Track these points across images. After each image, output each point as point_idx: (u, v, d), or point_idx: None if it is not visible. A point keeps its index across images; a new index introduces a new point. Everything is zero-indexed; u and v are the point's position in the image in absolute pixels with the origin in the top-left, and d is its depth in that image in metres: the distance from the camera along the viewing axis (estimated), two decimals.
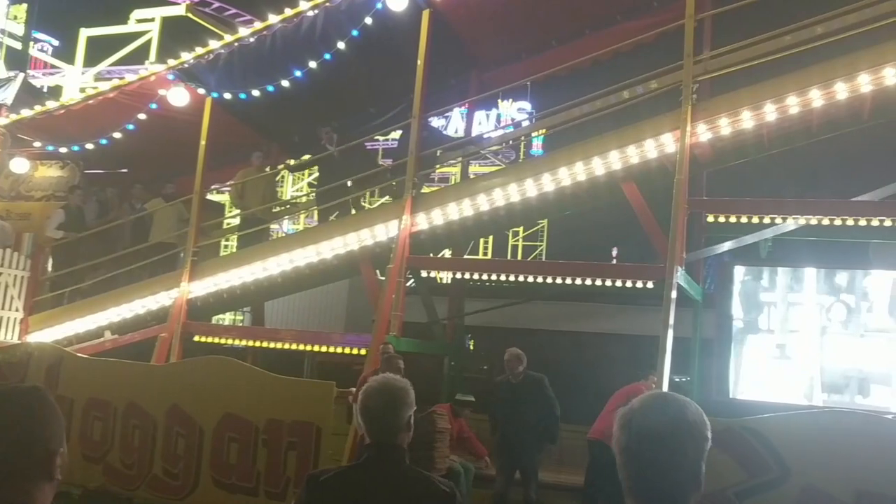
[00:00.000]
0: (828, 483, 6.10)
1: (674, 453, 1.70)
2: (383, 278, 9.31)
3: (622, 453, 1.77)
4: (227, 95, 10.29)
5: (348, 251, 9.42)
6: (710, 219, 8.29)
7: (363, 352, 8.67)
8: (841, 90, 7.56)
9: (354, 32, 9.37)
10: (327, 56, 9.53)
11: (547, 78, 10.29)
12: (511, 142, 16.05)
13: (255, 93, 10.16)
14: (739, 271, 9.11)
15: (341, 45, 9.43)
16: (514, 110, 20.06)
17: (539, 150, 19.49)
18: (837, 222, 7.74)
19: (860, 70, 7.45)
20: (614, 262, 16.07)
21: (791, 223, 7.99)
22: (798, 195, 8.72)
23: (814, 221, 7.78)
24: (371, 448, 2.66)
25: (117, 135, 11.28)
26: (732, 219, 8.09)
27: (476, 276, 9.34)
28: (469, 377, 11.24)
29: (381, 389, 2.65)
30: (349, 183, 10.23)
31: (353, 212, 10.54)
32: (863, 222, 7.65)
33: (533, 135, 17.80)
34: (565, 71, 10.09)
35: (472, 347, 12.78)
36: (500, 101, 19.34)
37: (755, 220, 7.97)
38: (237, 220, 11.59)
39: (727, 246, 8.65)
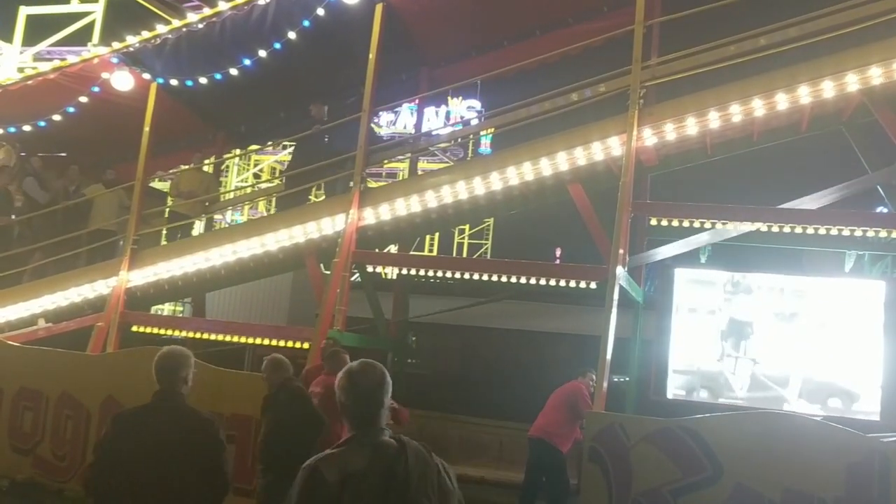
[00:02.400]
0: (758, 482, 6.29)
1: (378, 393, 2.75)
2: (328, 272, 9.25)
3: (350, 395, 2.76)
4: (174, 81, 10.08)
5: (294, 243, 9.32)
6: (653, 222, 8.44)
7: (306, 346, 8.60)
8: (781, 100, 7.79)
9: (306, 23, 9.27)
10: (277, 45, 9.41)
11: (497, 77, 10.35)
12: (460, 139, 16.06)
13: (203, 80, 9.97)
14: (679, 274, 9.28)
15: (292, 34, 9.32)
16: (464, 108, 20.11)
17: (487, 148, 19.57)
18: (775, 229, 7.96)
19: (800, 82, 7.68)
20: (558, 261, 16.28)
21: (730, 228, 8.18)
22: (737, 201, 8.93)
23: (752, 228, 7.98)
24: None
25: (56, 117, 10.95)
26: (675, 222, 8.25)
27: (422, 273, 9.33)
28: (411, 374, 11.25)
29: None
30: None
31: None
32: (799, 230, 7.89)
33: (481, 133, 17.87)
34: (515, 71, 10.16)
35: (414, 344, 12.79)
36: (449, 98, 19.38)
37: (696, 224, 8.15)
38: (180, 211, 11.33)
39: (668, 251, 8.81)
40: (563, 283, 8.48)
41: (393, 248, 12.05)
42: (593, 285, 8.18)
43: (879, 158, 9.12)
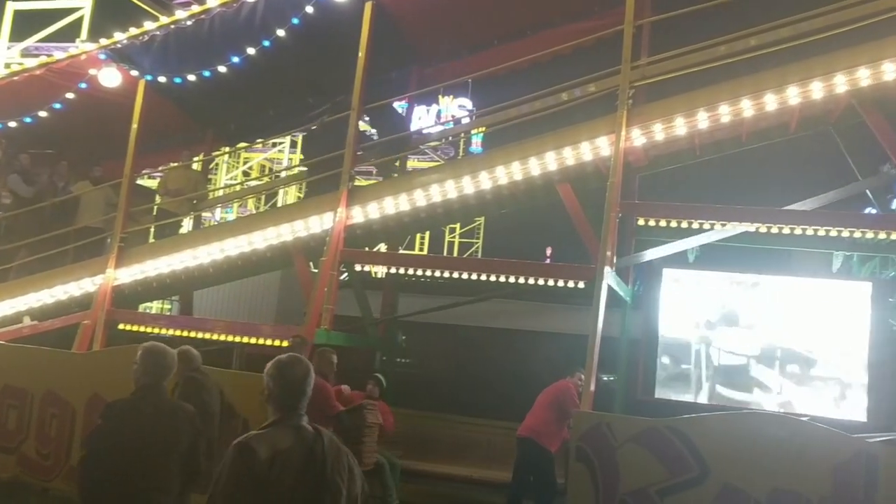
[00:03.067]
0: (744, 482, 6.30)
1: (304, 383, 3.15)
2: (316, 271, 9.22)
3: (280, 384, 3.08)
4: (162, 79, 10.03)
5: (282, 242, 9.29)
6: (641, 222, 8.44)
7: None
8: (770, 101, 7.79)
9: (295, 20, 9.23)
10: (266, 43, 9.36)
11: (488, 76, 10.34)
12: (451, 138, 16.04)
13: (191, 77, 9.92)
14: (667, 274, 9.30)
15: (281, 32, 9.28)
16: (455, 107, 20.07)
17: (479, 147, 19.56)
18: (763, 230, 7.97)
19: (789, 83, 7.69)
20: (548, 261, 16.29)
21: (718, 229, 8.19)
22: (727, 202, 8.94)
23: (740, 228, 7.99)
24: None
25: (43, 113, 10.88)
26: (662, 223, 8.25)
27: (411, 272, 9.30)
28: (400, 373, 11.23)
29: None
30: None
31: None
32: (787, 230, 7.90)
33: (473, 132, 17.85)
34: (505, 70, 10.15)
35: (403, 343, 12.77)
36: (441, 96, 19.34)
37: (684, 224, 8.15)
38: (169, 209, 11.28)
39: (656, 252, 8.82)
40: (551, 282, 8.46)
41: (382, 247, 12.03)
42: (581, 285, 8.17)
43: (867, 160, 9.16)
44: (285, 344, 8.38)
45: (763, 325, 9.03)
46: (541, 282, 8.51)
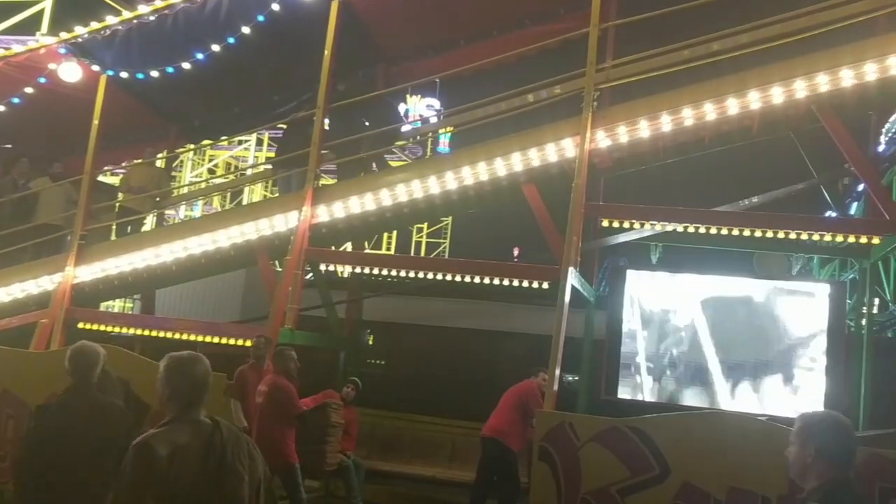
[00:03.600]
0: (704, 481, 6.39)
1: (207, 380, 3.20)
2: (281, 270, 9.16)
3: (184, 381, 3.14)
4: (124, 74, 9.87)
5: (246, 240, 9.21)
6: (605, 223, 8.52)
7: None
8: (732, 105, 7.89)
9: (260, 17, 9.15)
10: (231, 40, 9.27)
11: (454, 76, 10.34)
12: (419, 137, 16.02)
13: (154, 73, 9.78)
14: (631, 275, 9.40)
15: (246, 29, 9.19)
16: (423, 106, 20.03)
17: (446, 147, 19.54)
18: (724, 231, 8.08)
19: (749, 87, 7.80)
20: (516, 261, 16.35)
21: (681, 231, 8.29)
22: (689, 204, 9.05)
23: (702, 230, 8.09)
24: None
25: (1, 108, 10.66)
26: (626, 224, 8.33)
27: (376, 272, 9.28)
28: (366, 372, 11.20)
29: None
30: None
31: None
32: (747, 233, 8.02)
33: (440, 132, 17.85)
34: (472, 70, 10.15)
35: (371, 342, 12.74)
36: (408, 96, 19.28)
37: (647, 226, 8.24)
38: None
39: (619, 248, 8.91)
40: (517, 282, 8.50)
41: (348, 247, 11.98)
42: (546, 285, 8.21)
43: (826, 164, 9.36)
44: (249, 343, 8.31)
45: (723, 326, 9.15)
46: (506, 282, 8.54)
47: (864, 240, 7.99)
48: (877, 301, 18.17)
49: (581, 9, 8.99)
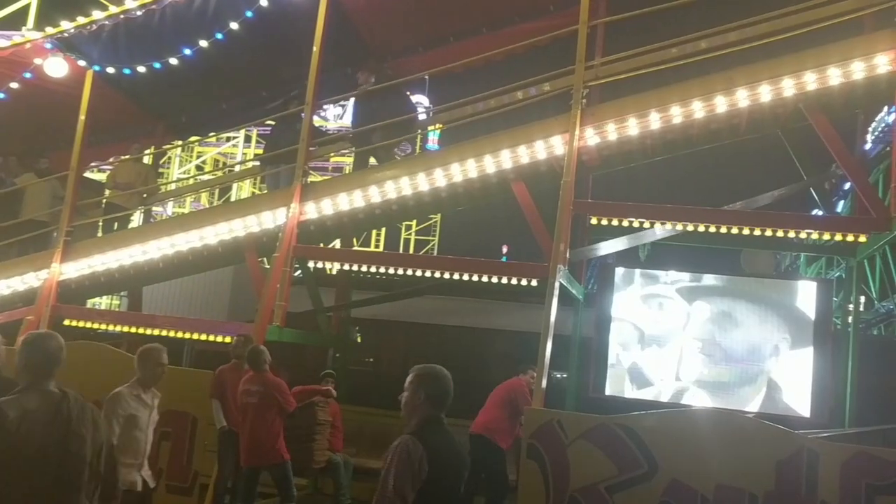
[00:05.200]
0: (691, 478, 6.41)
1: (60, 354, 3.55)
2: (269, 267, 9.12)
3: (39, 354, 3.47)
4: (111, 69, 9.80)
5: (233, 237, 9.16)
6: (594, 221, 8.52)
7: None
8: (720, 103, 7.91)
9: (248, 13, 9.10)
10: (219, 35, 9.21)
11: (443, 73, 10.31)
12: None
13: (141, 69, 9.71)
14: (620, 273, 9.41)
15: (234, 25, 9.14)
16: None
17: (435, 144, 19.52)
18: (712, 229, 8.09)
19: (738, 85, 7.82)
20: (504, 258, 16.36)
21: (669, 228, 8.30)
22: (678, 202, 9.06)
23: (690, 228, 8.11)
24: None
25: None
26: (615, 222, 8.33)
27: (365, 269, 9.25)
28: (354, 369, 11.18)
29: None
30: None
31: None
32: (735, 230, 8.04)
33: (430, 129, 17.82)
34: (462, 68, 10.13)
35: (359, 339, 12.72)
36: None
37: (636, 224, 8.24)
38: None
39: (608, 249, 8.92)
40: (505, 280, 8.50)
41: (337, 244, 11.94)
42: (535, 283, 8.22)
43: (813, 163, 9.39)
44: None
45: (711, 324, 9.18)
46: (495, 279, 8.53)
47: (850, 238, 8.02)
48: (863, 299, 18.38)
49: (570, 6, 8.99)
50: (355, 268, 9.34)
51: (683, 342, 9.10)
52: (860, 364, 8.88)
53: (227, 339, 8.70)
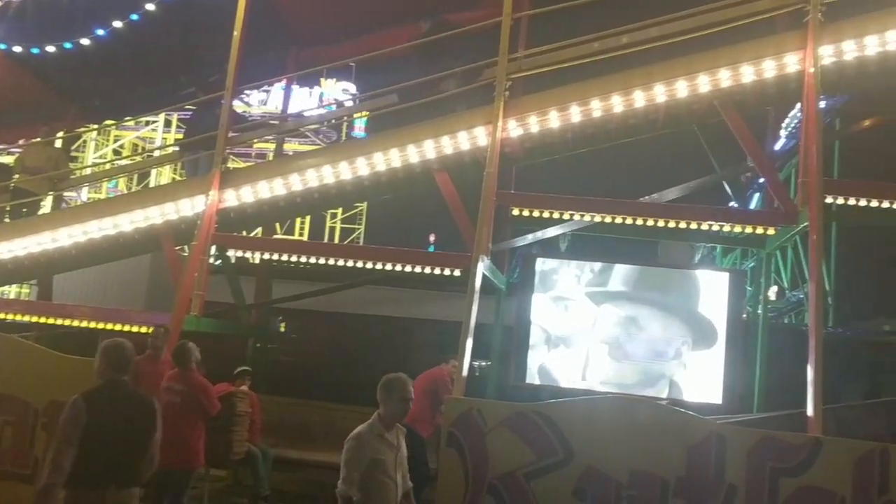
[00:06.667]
0: (606, 464, 6.56)
1: None
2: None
3: None
4: (18, 48, 9.38)
5: (150, 224, 8.91)
6: (516, 212, 8.60)
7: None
8: (639, 98, 8.10)
9: None
10: (134, 17, 8.92)
11: (369, 61, 10.23)
12: (334, 121, 15.84)
13: (51, 49, 9.32)
14: (541, 263, 9.53)
15: (150, 6, 8.87)
16: (339, 90, 19.81)
17: (362, 132, 19.40)
18: (629, 221, 8.27)
19: (656, 80, 8.01)
20: (432, 247, 16.38)
21: (588, 220, 8.45)
22: (602, 194, 9.22)
23: (608, 219, 8.27)
24: None
25: None
26: (536, 213, 8.43)
27: (286, 258, 9.12)
28: (275, 360, 11.04)
29: None
30: None
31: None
32: (651, 222, 8.24)
33: (355, 117, 17.69)
34: (388, 56, 10.08)
35: (280, 330, 12.55)
36: (323, 79, 19.05)
37: (556, 215, 8.36)
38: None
39: (528, 239, 9.03)
40: (429, 270, 8.51)
41: (259, 232, 11.75)
42: (458, 272, 8.26)
43: (728, 157, 9.70)
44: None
45: (628, 312, 9.38)
46: (418, 269, 8.54)
47: (760, 231, 8.32)
48: (776, 288, 19.09)
49: None
50: (276, 257, 9.19)
51: (602, 330, 9.28)
52: (770, 351, 9.23)
53: (144, 329, 8.46)
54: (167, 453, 6.92)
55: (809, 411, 6.80)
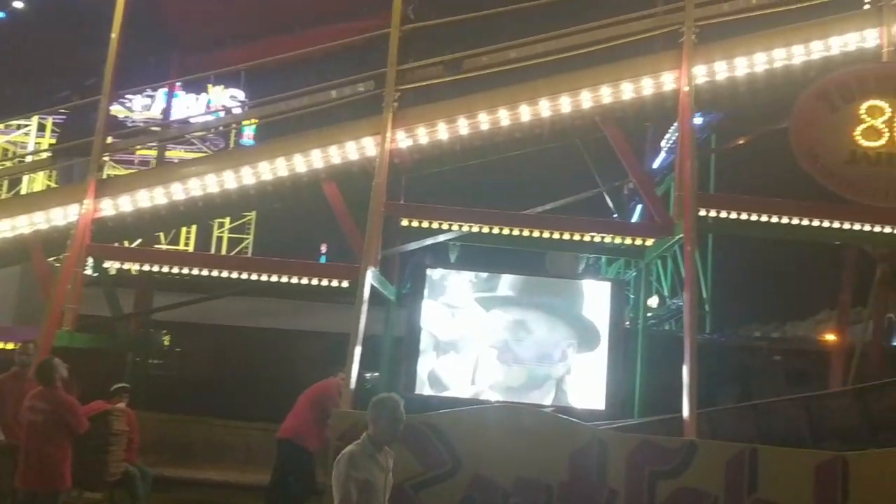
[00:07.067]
0: (493, 472, 6.66)
1: None
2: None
3: None
4: None
5: (17, 235, 8.42)
6: (405, 223, 8.61)
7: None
8: (525, 112, 8.30)
9: None
10: (1, 14, 8.43)
11: (254, 69, 10.06)
12: (222, 128, 15.46)
13: None
14: (431, 274, 9.57)
15: (19, 3, 8.41)
16: (227, 97, 19.34)
17: (251, 140, 19.01)
18: (515, 232, 8.43)
19: (541, 95, 8.22)
20: (324, 257, 16.20)
21: (475, 231, 8.55)
22: (490, 205, 9.34)
23: (496, 230, 8.40)
24: None
25: None
26: (425, 224, 8.47)
27: (167, 269, 8.79)
28: (158, 375, 10.64)
29: None
30: None
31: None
32: (536, 233, 8.42)
33: (244, 124, 17.33)
34: (276, 63, 9.92)
35: (163, 343, 12.10)
36: (210, 86, 18.57)
37: (444, 226, 8.43)
38: None
39: (417, 249, 9.06)
40: (316, 281, 8.40)
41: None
42: (346, 283, 8.19)
43: (612, 171, 10.05)
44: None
45: (516, 322, 9.53)
46: (305, 281, 8.40)
47: (639, 241, 8.64)
48: (657, 297, 19.90)
49: (385, 9, 9.02)
50: (157, 268, 8.84)
51: (489, 340, 9.39)
52: (649, 358, 9.58)
53: (8, 345, 7.97)
54: (31, 474, 6.56)
55: (685, 415, 7.11)
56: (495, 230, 8.38)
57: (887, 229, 8.01)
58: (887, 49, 8.26)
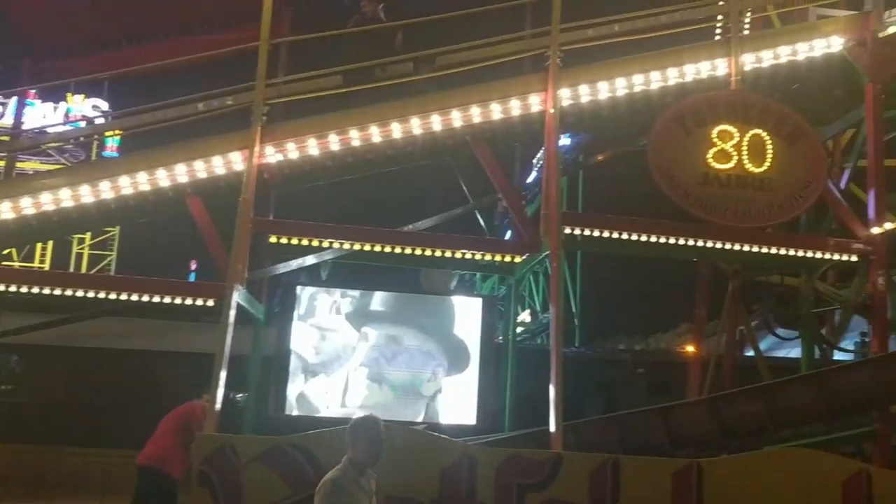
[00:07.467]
0: None
1: None
2: None
3: None
4: None
5: None
6: (273, 239, 8.44)
7: None
8: (396, 129, 8.32)
9: None
10: None
11: (121, 77, 9.63)
12: (82, 139, 14.70)
13: None
14: (302, 292, 9.41)
15: None
16: (88, 107, 18.41)
17: (114, 152, 18.17)
18: (388, 249, 8.42)
19: (411, 114, 8.27)
20: (193, 275, 15.64)
21: (347, 248, 8.48)
22: (365, 222, 9.30)
23: (367, 247, 8.36)
24: None
25: None
26: (295, 241, 8.33)
27: (13, 288, 8.22)
28: (7, 403, 9.93)
29: None
30: None
31: None
32: (408, 250, 8.44)
33: (107, 136, 16.56)
34: (141, 73, 9.53)
35: (16, 369, 11.31)
36: (70, 95, 17.64)
37: (315, 243, 8.32)
38: None
39: (286, 268, 8.88)
40: (179, 300, 8.07)
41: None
42: (211, 303, 7.92)
43: (483, 188, 10.21)
44: None
45: (389, 339, 9.51)
46: (168, 300, 8.06)
47: (508, 258, 8.82)
48: (529, 311, 20.39)
49: (254, 21, 8.85)
50: (3, 288, 8.25)
51: (362, 357, 9.32)
52: (519, 372, 9.77)
53: None
54: None
55: (552, 428, 7.27)
56: (367, 247, 8.33)
57: (737, 247, 8.53)
58: (735, 78, 8.80)
